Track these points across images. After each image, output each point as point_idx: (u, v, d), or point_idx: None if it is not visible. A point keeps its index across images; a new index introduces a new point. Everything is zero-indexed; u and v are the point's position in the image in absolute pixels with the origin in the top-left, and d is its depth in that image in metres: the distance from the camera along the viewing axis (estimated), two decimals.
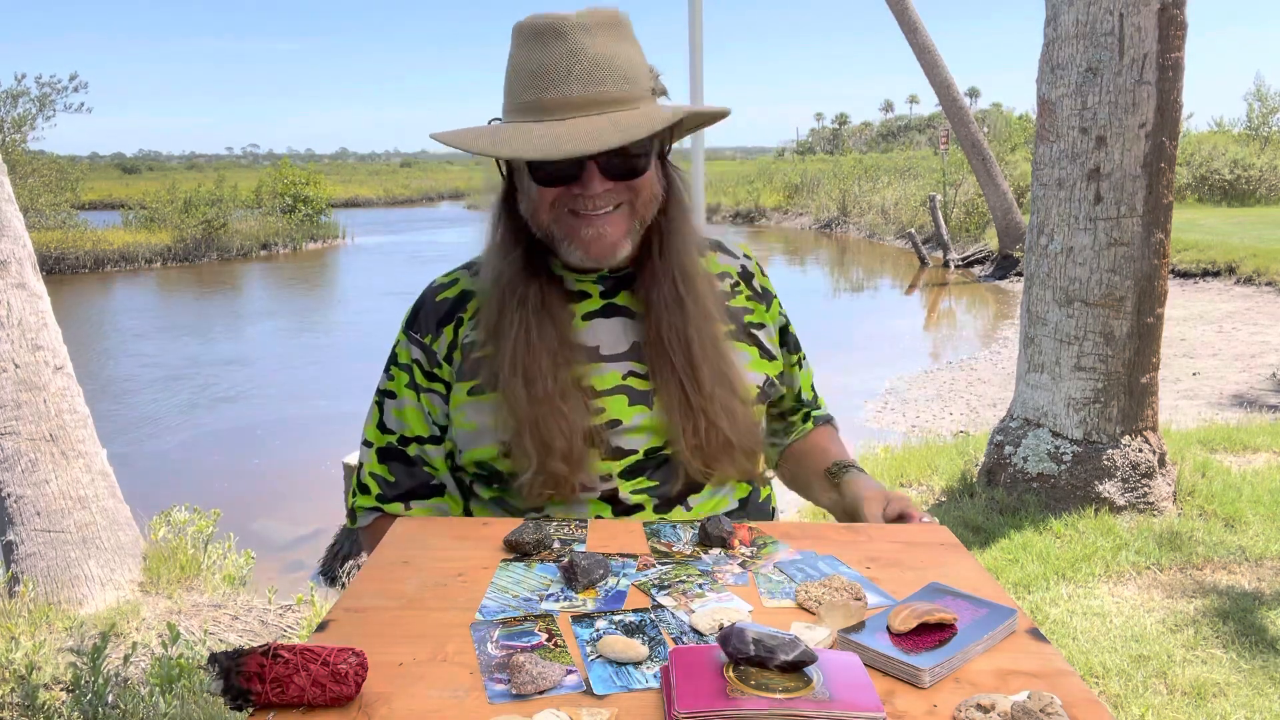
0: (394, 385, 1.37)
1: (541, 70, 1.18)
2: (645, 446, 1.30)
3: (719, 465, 1.30)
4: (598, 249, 1.24)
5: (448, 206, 48.37)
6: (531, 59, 1.19)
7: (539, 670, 0.84)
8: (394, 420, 1.37)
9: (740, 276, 1.45)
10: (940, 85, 15.00)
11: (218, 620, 3.91)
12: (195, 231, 22.40)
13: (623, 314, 1.33)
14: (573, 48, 1.18)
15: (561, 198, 1.23)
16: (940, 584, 1.03)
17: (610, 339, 1.32)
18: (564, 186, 1.22)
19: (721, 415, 1.28)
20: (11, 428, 3.80)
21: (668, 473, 1.30)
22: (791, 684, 0.79)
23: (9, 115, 20.68)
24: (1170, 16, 4.11)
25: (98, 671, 2.79)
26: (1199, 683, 3.02)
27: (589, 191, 1.21)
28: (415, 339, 1.36)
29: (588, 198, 1.22)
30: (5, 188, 3.89)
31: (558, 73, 1.18)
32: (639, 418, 1.29)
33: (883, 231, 23.70)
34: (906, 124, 78.52)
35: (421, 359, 1.35)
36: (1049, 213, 4.46)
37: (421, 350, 1.35)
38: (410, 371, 1.36)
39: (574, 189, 1.22)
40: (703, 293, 1.32)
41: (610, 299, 1.34)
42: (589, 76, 1.18)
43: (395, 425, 1.37)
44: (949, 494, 4.92)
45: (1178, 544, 4.08)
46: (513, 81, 1.22)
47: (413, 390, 1.35)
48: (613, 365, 1.30)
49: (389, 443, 1.37)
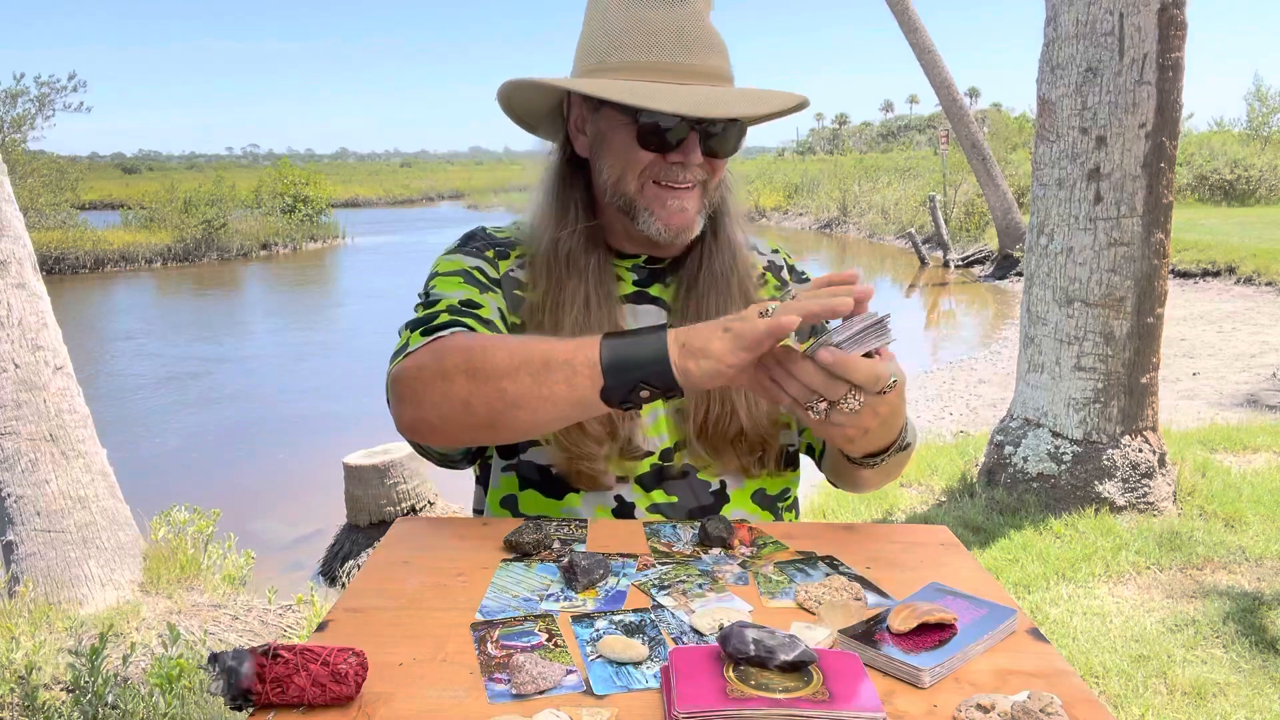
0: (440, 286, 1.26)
1: (665, 31, 1.19)
2: (661, 447, 1.29)
3: (724, 453, 1.29)
4: (679, 221, 1.25)
5: (448, 206, 48.38)
6: (649, 18, 1.19)
7: (539, 670, 0.84)
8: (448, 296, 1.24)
9: (767, 269, 1.44)
10: (940, 85, 15.00)
11: (218, 620, 3.91)
12: (195, 231, 22.41)
13: (654, 303, 1.34)
14: (695, 14, 1.20)
15: (654, 166, 1.23)
16: (940, 584, 1.03)
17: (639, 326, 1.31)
18: (663, 154, 1.22)
19: (741, 403, 1.28)
20: (11, 428, 3.80)
21: (686, 488, 1.29)
22: (791, 684, 0.79)
23: (9, 115, 20.68)
24: (1170, 16, 4.11)
25: (97, 672, 2.79)
26: (1199, 683, 3.02)
27: (690, 160, 1.22)
28: (473, 252, 1.33)
29: (681, 167, 1.22)
30: (5, 188, 3.89)
31: (688, 38, 1.19)
32: (654, 413, 1.29)
33: (883, 231, 23.69)
34: (906, 124, 78.55)
35: (483, 266, 1.31)
36: (1049, 213, 4.46)
37: (480, 259, 1.31)
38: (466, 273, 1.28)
39: (672, 157, 1.22)
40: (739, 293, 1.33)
41: (643, 288, 1.34)
42: (712, 47, 1.21)
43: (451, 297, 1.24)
44: (949, 494, 4.92)
45: (1178, 544, 4.08)
46: (623, 39, 1.21)
47: (473, 286, 1.27)
48: None
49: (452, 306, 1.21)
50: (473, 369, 1.06)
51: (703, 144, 1.22)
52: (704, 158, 1.23)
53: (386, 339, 1.40)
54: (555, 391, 1.03)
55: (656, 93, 1.16)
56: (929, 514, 4.70)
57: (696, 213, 1.27)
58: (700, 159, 1.23)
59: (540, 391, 1.03)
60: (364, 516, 5.25)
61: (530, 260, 1.32)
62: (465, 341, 1.10)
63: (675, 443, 1.29)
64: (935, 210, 18.05)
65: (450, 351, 1.09)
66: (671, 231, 1.26)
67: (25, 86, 20.84)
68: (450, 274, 1.29)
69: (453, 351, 1.09)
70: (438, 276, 1.29)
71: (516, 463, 1.31)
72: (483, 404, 1.06)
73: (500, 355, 1.06)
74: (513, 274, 1.32)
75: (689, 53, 1.20)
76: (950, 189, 20.62)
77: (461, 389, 1.07)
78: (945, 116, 16.69)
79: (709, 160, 1.25)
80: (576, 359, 1.01)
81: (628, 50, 1.20)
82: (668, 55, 1.19)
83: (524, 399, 1.04)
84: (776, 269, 1.45)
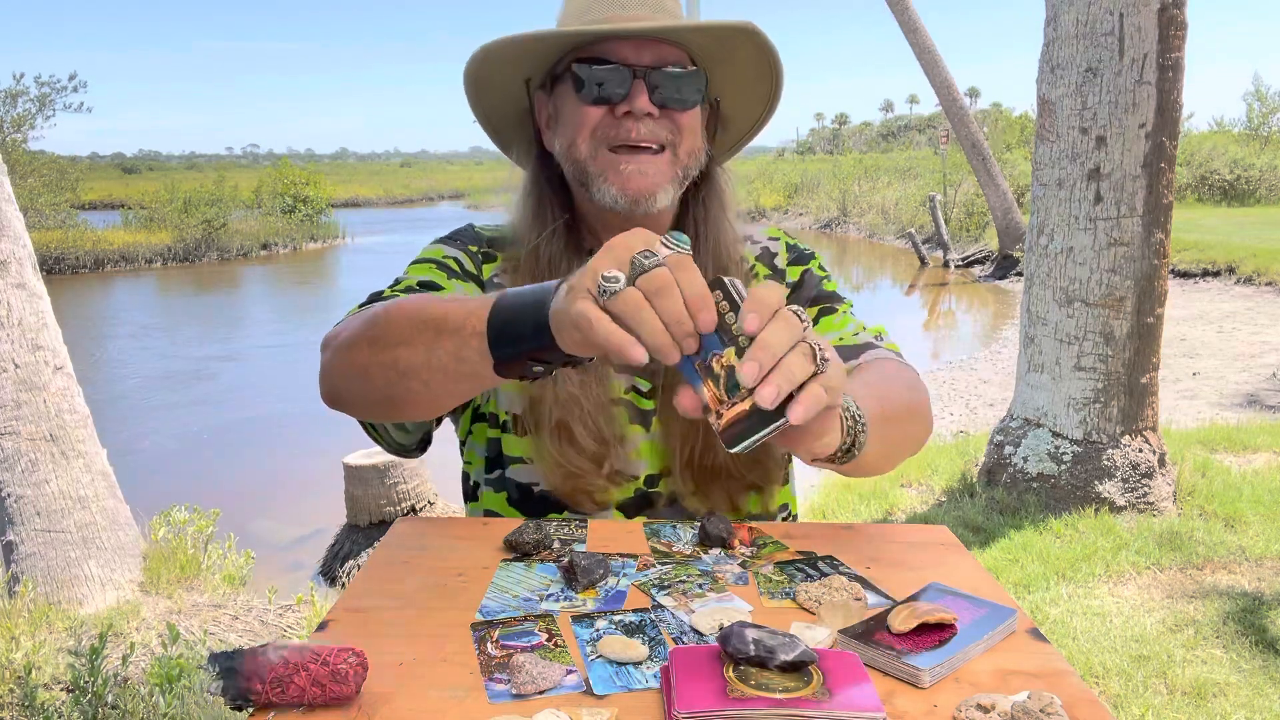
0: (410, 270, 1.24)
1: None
2: (645, 473, 1.26)
3: (710, 494, 1.24)
4: (636, 185, 1.16)
5: (447, 206, 48.39)
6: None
7: (539, 670, 0.84)
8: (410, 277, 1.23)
9: (759, 259, 1.36)
10: (940, 85, 15.00)
11: (218, 620, 3.91)
12: (195, 231, 22.41)
13: None
14: None
15: (604, 125, 1.16)
16: (940, 584, 1.03)
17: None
18: (608, 107, 1.16)
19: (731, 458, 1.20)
20: (11, 428, 3.80)
21: (675, 514, 1.27)
22: (791, 684, 0.79)
23: (9, 115, 20.68)
24: (1170, 16, 4.11)
25: (97, 672, 2.79)
26: (1199, 683, 3.02)
27: (637, 107, 1.14)
28: (457, 245, 1.30)
29: (632, 119, 1.15)
30: (5, 188, 3.89)
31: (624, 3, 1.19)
32: (636, 438, 1.25)
33: (883, 231, 23.70)
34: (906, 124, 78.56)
35: (460, 257, 1.27)
36: (1049, 213, 4.46)
37: (460, 252, 1.28)
38: (439, 262, 1.25)
39: (619, 109, 1.15)
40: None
41: None
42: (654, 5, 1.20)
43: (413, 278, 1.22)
44: (949, 494, 4.92)
45: (1178, 544, 4.08)
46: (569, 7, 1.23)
47: (441, 272, 1.23)
48: (619, 376, 1.26)
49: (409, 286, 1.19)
50: (374, 336, 0.99)
51: (651, 92, 1.15)
52: (659, 110, 1.16)
53: None
54: (444, 362, 0.92)
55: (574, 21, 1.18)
56: (929, 514, 4.70)
57: (664, 180, 1.18)
58: (650, 107, 1.15)
59: (431, 361, 0.93)
60: (364, 516, 5.25)
61: (512, 267, 1.28)
62: (379, 308, 1.01)
63: (661, 469, 1.26)
64: (935, 210, 18.05)
65: (362, 319, 1.02)
66: (628, 197, 1.16)
67: (25, 87, 20.86)
68: (425, 260, 1.26)
69: (363, 319, 1.02)
70: (414, 263, 1.27)
71: (498, 478, 1.29)
72: (379, 373, 0.98)
73: (401, 321, 0.96)
74: (496, 280, 1.29)
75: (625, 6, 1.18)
76: (950, 189, 20.62)
77: (362, 356, 1.00)
78: (945, 116, 16.69)
79: (668, 114, 1.17)
80: (466, 326, 0.89)
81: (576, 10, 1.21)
82: (603, 10, 1.18)
83: (416, 369, 0.95)
84: (770, 256, 1.36)
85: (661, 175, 1.17)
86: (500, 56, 1.20)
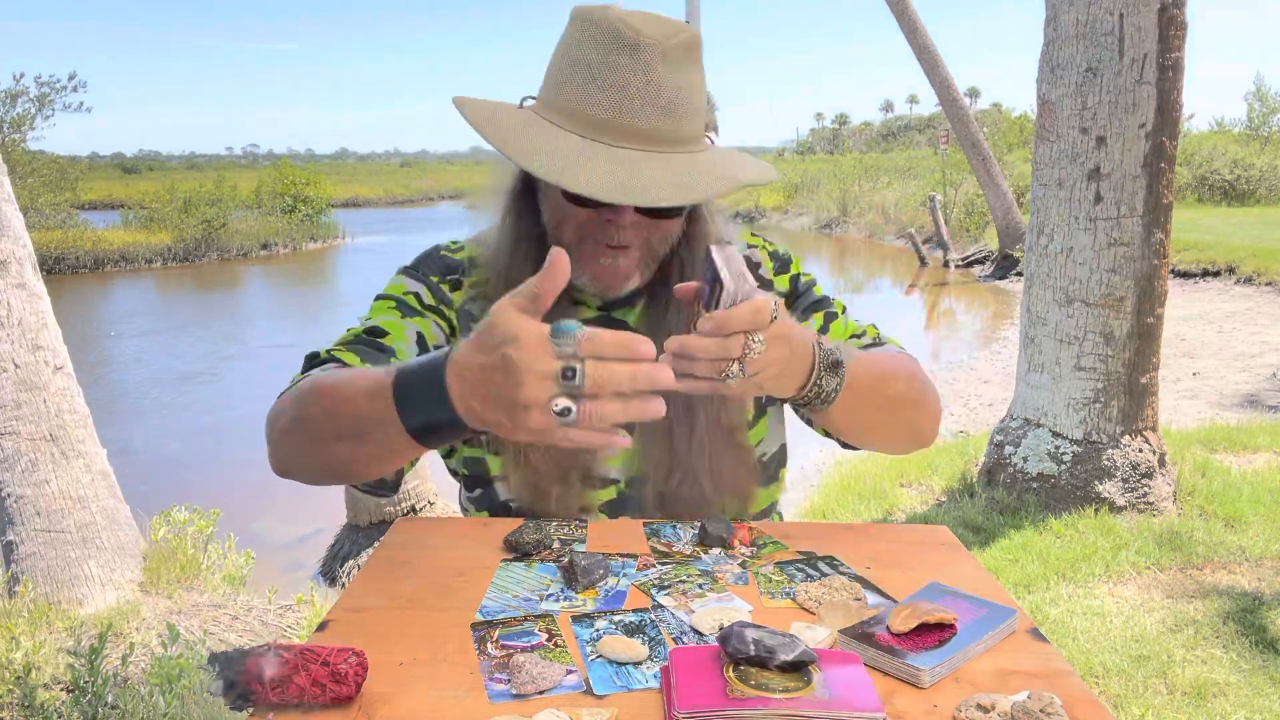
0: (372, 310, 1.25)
1: (612, 86, 1.09)
2: (626, 475, 1.26)
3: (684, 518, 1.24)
4: (608, 278, 1.19)
5: (447, 206, 48.38)
6: (602, 69, 1.09)
7: (539, 670, 0.84)
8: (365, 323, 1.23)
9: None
10: (940, 85, 15.00)
11: (218, 620, 3.91)
12: (195, 231, 22.40)
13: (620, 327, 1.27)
14: (651, 73, 1.09)
15: (588, 224, 1.16)
16: (940, 584, 1.03)
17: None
18: (596, 210, 1.15)
19: (706, 472, 1.23)
20: (11, 428, 3.80)
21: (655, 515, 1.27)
22: (791, 684, 0.79)
23: (8, 115, 20.68)
24: (1170, 16, 4.11)
25: (96, 672, 2.79)
26: (1199, 683, 3.02)
27: (620, 222, 1.14)
28: (418, 277, 1.28)
29: (615, 227, 1.15)
30: (5, 188, 3.89)
31: (630, 97, 1.09)
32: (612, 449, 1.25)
33: (883, 231, 23.70)
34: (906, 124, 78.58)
35: (421, 292, 1.26)
36: (1049, 213, 4.46)
37: (425, 286, 1.27)
38: (399, 300, 1.25)
39: (605, 214, 1.15)
40: None
41: (607, 312, 1.28)
42: (663, 109, 1.10)
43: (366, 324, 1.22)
44: (949, 494, 4.92)
45: (1178, 544, 4.08)
46: (570, 78, 1.12)
47: (397, 311, 1.23)
48: None
49: (357, 334, 1.20)
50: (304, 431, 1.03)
51: (638, 208, 1.14)
52: (644, 218, 1.16)
53: None
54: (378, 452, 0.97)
55: (573, 165, 1.06)
56: (929, 514, 4.70)
57: (635, 267, 1.19)
58: (634, 218, 1.15)
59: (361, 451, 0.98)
60: (364, 516, 5.25)
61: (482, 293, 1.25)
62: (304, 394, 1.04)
63: (641, 472, 1.25)
64: (935, 210, 18.05)
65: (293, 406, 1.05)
66: (599, 286, 1.20)
67: (25, 87, 20.85)
68: (388, 296, 1.26)
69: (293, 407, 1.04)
70: (380, 298, 1.27)
71: (479, 496, 1.30)
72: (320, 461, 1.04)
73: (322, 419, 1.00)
74: (467, 308, 1.27)
75: (633, 112, 1.09)
76: (950, 189, 20.62)
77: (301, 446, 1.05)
78: (945, 116, 16.69)
79: (652, 221, 1.17)
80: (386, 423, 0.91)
81: (572, 92, 1.11)
82: (608, 111, 1.09)
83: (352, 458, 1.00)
84: (754, 266, 1.34)
85: (633, 265, 1.20)
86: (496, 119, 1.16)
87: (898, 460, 5.56)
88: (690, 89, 1.13)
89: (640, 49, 1.08)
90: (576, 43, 1.13)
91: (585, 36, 1.12)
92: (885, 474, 5.27)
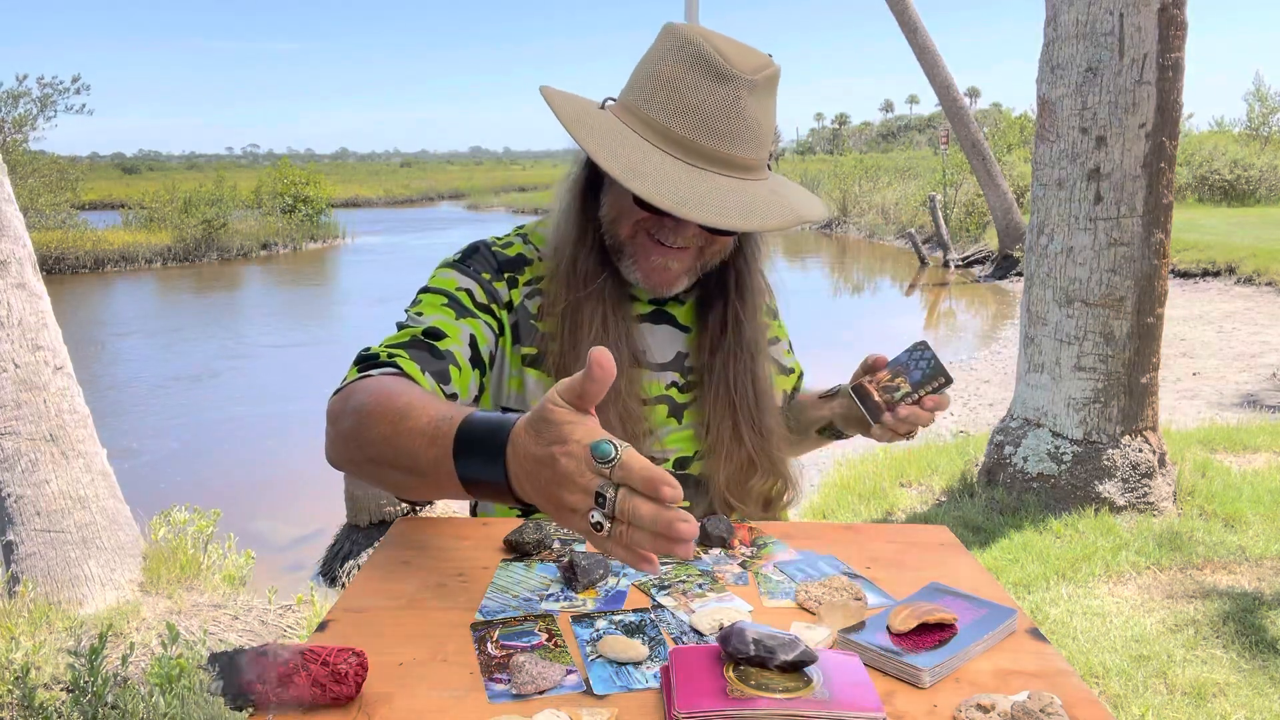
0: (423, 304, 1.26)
1: (697, 109, 1.15)
2: (676, 455, 1.32)
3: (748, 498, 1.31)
4: (658, 278, 1.25)
5: (447, 206, 48.38)
6: (693, 93, 1.15)
7: (539, 670, 0.84)
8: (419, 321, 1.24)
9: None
10: (940, 85, 15.00)
11: (218, 620, 3.91)
12: (195, 231, 22.38)
13: (669, 322, 1.34)
14: (737, 103, 1.15)
15: (649, 222, 1.22)
16: (940, 584, 1.03)
17: (657, 346, 1.33)
18: (658, 216, 1.21)
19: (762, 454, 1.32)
20: (11, 428, 3.80)
21: (694, 495, 1.31)
22: (791, 684, 0.79)
23: (10, 115, 20.67)
24: (1170, 16, 4.11)
25: (96, 672, 2.79)
26: (1199, 683, 3.02)
27: (683, 231, 1.21)
28: (469, 273, 1.29)
29: (674, 233, 1.22)
30: (5, 188, 3.88)
31: (716, 122, 1.15)
32: (669, 429, 1.31)
33: (883, 231, 23.68)
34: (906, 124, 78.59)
35: (473, 289, 1.28)
36: (1049, 213, 4.46)
37: (476, 284, 1.28)
38: (451, 296, 1.26)
39: (666, 221, 1.21)
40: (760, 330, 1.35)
41: (660, 305, 1.35)
42: (741, 137, 1.16)
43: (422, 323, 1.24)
44: (949, 494, 4.92)
45: (1178, 544, 4.08)
46: (655, 92, 1.18)
47: (451, 310, 1.25)
48: (657, 374, 1.32)
49: (414, 336, 1.21)
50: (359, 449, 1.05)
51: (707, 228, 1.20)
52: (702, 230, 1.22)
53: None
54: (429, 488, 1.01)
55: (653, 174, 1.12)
56: (929, 514, 4.70)
57: (684, 271, 1.26)
58: (695, 230, 1.22)
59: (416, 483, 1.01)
60: (364, 516, 5.25)
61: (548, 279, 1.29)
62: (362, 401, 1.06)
63: (695, 452, 1.32)
64: (935, 210, 18.04)
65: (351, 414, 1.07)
66: (649, 284, 1.26)
67: (27, 88, 20.84)
68: (438, 290, 1.27)
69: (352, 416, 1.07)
70: (428, 291, 1.28)
71: None
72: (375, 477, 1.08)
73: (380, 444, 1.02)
74: (525, 304, 1.30)
75: (714, 136, 1.15)
76: (950, 189, 20.62)
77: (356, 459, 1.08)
78: (945, 116, 16.69)
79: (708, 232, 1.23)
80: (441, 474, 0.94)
81: (661, 108, 1.17)
82: (691, 131, 1.15)
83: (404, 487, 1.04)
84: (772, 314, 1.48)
85: (682, 268, 1.26)
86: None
87: (898, 460, 5.56)
88: (766, 120, 1.19)
89: (730, 79, 1.14)
90: (669, 59, 1.18)
91: (679, 55, 1.17)
92: (885, 474, 5.27)
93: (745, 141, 1.16)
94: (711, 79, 1.14)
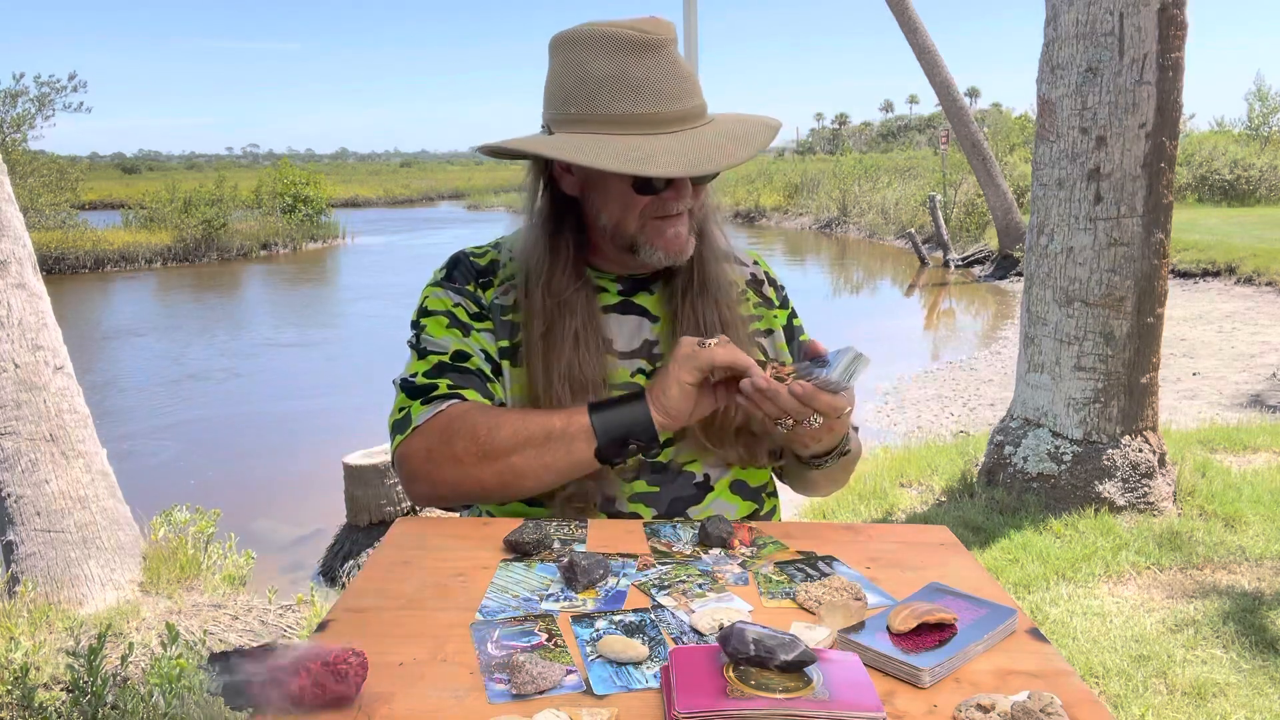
0: (430, 329, 1.34)
1: (646, 85, 1.22)
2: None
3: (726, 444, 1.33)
4: (676, 246, 1.31)
5: (447, 206, 48.38)
6: (634, 71, 1.22)
7: (539, 670, 0.84)
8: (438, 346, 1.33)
9: (749, 285, 1.49)
10: (940, 85, 15.00)
11: (218, 620, 3.91)
12: (195, 231, 22.38)
13: (638, 313, 1.38)
14: (671, 61, 1.24)
15: (652, 205, 1.28)
16: (940, 584, 1.03)
17: (624, 336, 1.36)
18: (658, 193, 1.27)
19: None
20: (11, 428, 3.80)
21: (667, 478, 1.31)
22: (791, 684, 0.79)
23: (9, 115, 20.66)
24: (1170, 16, 4.11)
25: (96, 672, 2.79)
26: (1199, 683, 3.02)
27: (682, 193, 1.27)
28: (454, 288, 1.37)
29: (676, 200, 1.28)
30: (5, 188, 3.89)
31: (665, 86, 1.23)
32: None
33: (883, 231, 23.68)
34: (906, 124, 78.61)
35: (465, 304, 1.35)
36: (1049, 213, 4.45)
37: (463, 296, 1.36)
38: (451, 315, 1.34)
39: (667, 195, 1.27)
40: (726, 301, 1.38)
41: (628, 296, 1.38)
42: (689, 90, 1.25)
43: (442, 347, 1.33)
44: (949, 494, 4.92)
45: (1178, 544, 4.08)
46: (601, 91, 1.23)
47: (457, 330, 1.33)
48: (624, 362, 1.35)
49: (438, 361, 1.31)
50: (483, 451, 1.21)
51: (693, 179, 1.29)
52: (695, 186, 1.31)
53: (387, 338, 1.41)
54: (556, 461, 1.21)
55: (655, 154, 1.19)
56: (929, 514, 4.70)
57: (689, 231, 1.33)
58: (689, 189, 1.29)
59: (544, 461, 1.21)
60: (364, 516, 5.25)
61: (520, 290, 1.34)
62: (470, 422, 1.22)
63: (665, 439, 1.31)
64: (935, 210, 18.05)
65: (457, 435, 1.22)
66: (672, 257, 1.32)
67: (25, 87, 20.83)
68: (437, 314, 1.34)
69: (460, 435, 1.22)
70: (427, 316, 1.35)
71: None
72: (495, 480, 1.22)
73: (505, 433, 1.21)
74: (498, 301, 1.36)
75: (673, 99, 1.23)
76: (950, 189, 20.62)
77: (475, 469, 1.21)
78: (945, 116, 16.69)
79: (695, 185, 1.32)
80: (571, 429, 1.21)
81: (612, 100, 1.22)
82: (651, 105, 1.22)
83: (530, 470, 1.21)
84: (758, 283, 1.50)
85: (688, 230, 1.33)
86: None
87: (898, 460, 5.56)
88: (690, 67, 1.29)
89: (654, 46, 1.22)
90: (590, 58, 1.23)
91: (599, 50, 1.23)
92: (885, 474, 5.27)
93: (692, 92, 1.26)
94: (641, 53, 1.22)
